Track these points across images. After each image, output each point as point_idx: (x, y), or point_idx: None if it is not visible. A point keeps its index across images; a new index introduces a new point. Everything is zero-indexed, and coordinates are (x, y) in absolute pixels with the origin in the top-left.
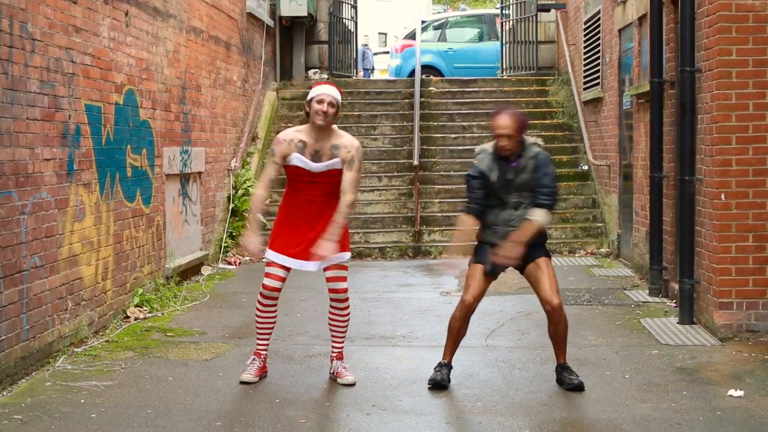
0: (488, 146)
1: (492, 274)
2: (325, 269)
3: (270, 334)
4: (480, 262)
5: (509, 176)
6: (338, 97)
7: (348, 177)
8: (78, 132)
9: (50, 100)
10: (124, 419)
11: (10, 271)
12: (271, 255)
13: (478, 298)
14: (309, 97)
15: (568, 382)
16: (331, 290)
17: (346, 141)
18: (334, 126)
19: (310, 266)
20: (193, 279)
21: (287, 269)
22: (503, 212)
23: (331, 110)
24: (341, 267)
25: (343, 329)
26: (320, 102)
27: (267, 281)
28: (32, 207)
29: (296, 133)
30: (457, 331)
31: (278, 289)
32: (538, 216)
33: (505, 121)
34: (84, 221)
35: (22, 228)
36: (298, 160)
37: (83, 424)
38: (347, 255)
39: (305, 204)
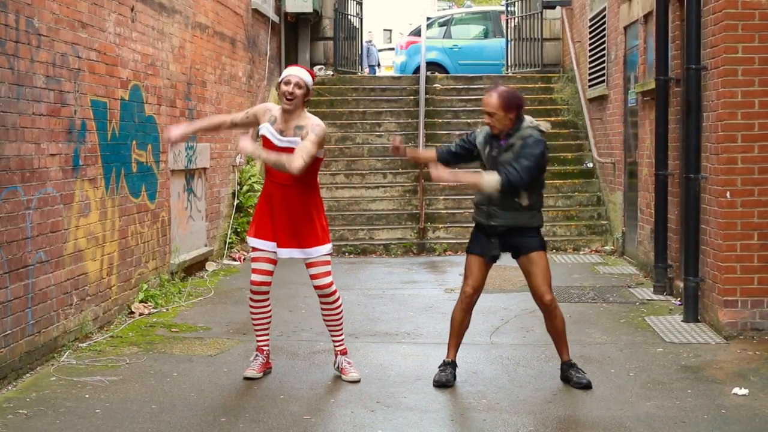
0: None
1: (490, 260)
2: (307, 265)
3: (267, 328)
4: (475, 252)
5: (494, 153)
6: (307, 79)
7: (301, 144)
8: (83, 127)
9: (56, 96)
10: (129, 414)
11: (16, 265)
12: (253, 242)
13: (478, 289)
14: (279, 79)
15: (576, 380)
16: (315, 287)
17: (311, 122)
18: (306, 111)
19: (289, 253)
20: (198, 275)
21: (273, 262)
22: (487, 191)
23: (298, 91)
24: (323, 262)
25: (338, 324)
26: (287, 83)
27: (254, 276)
28: (38, 202)
29: (274, 107)
30: (459, 324)
31: (266, 283)
32: (484, 176)
33: (489, 99)
34: (89, 216)
35: (28, 223)
36: (266, 129)
37: (88, 419)
38: (326, 248)
39: (278, 188)
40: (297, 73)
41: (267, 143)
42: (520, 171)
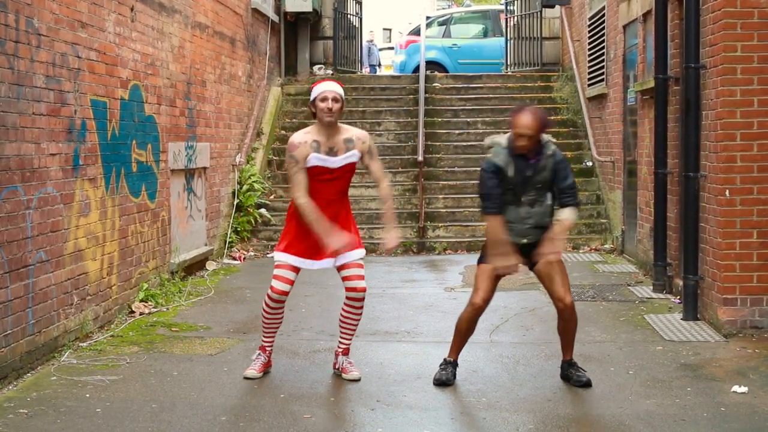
0: (500, 139)
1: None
2: (340, 268)
3: (275, 332)
4: (489, 262)
5: (528, 173)
6: (341, 91)
7: (376, 166)
8: (83, 127)
9: (56, 95)
10: (129, 414)
11: (16, 265)
12: (282, 257)
13: (488, 300)
14: (312, 97)
15: (576, 378)
16: (351, 289)
17: (357, 133)
18: (341, 123)
19: (325, 264)
20: (198, 274)
21: (297, 271)
22: (519, 209)
23: (336, 105)
24: (359, 265)
25: (355, 327)
26: (324, 100)
27: (276, 284)
28: (38, 202)
29: (306, 134)
30: (465, 331)
31: (287, 293)
32: (568, 215)
33: (528, 121)
34: (89, 216)
35: (28, 223)
36: (316, 159)
37: (88, 418)
38: (363, 251)
39: (324, 205)
40: (331, 87)
41: (319, 170)
42: (574, 192)
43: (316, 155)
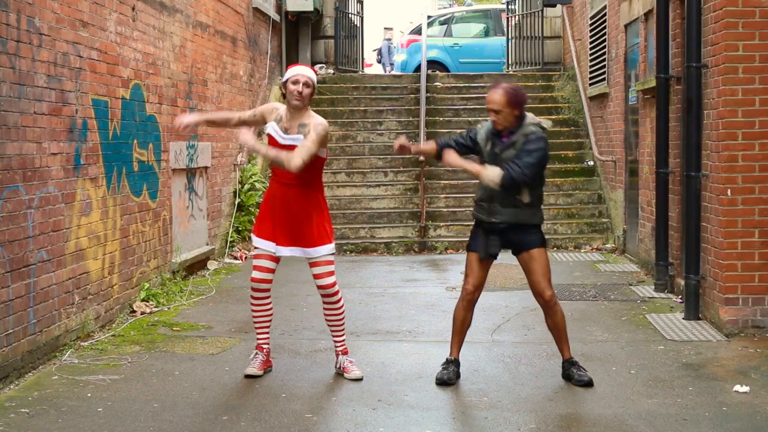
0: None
1: (488, 257)
2: (310, 265)
3: (268, 326)
4: (475, 249)
5: (496, 150)
6: (313, 77)
7: (302, 143)
8: (85, 126)
9: (57, 95)
10: (131, 413)
11: (17, 265)
12: (256, 242)
13: (479, 287)
14: (284, 78)
15: (577, 378)
16: (319, 286)
17: (316, 121)
18: (311, 110)
19: (292, 251)
20: (200, 273)
21: (275, 260)
22: (489, 187)
23: (307, 90)
24: (327, 262)
25: (340, 324)
26: (295, 83)
27: (255, 273)
28: (39, 201)
29: (281, 106)
30: (461, 322)
31: (267, 281)
32: (490, 170)
33: (494, 96)
34: (91, 215)
35: (29, 222)
36: (271, 128)
37: (90, 417)
38: (328, 248)
39: (281, 187)
40: (304, 72)
41: (272, 141)
42: (522, 167)
43: (274, 125)
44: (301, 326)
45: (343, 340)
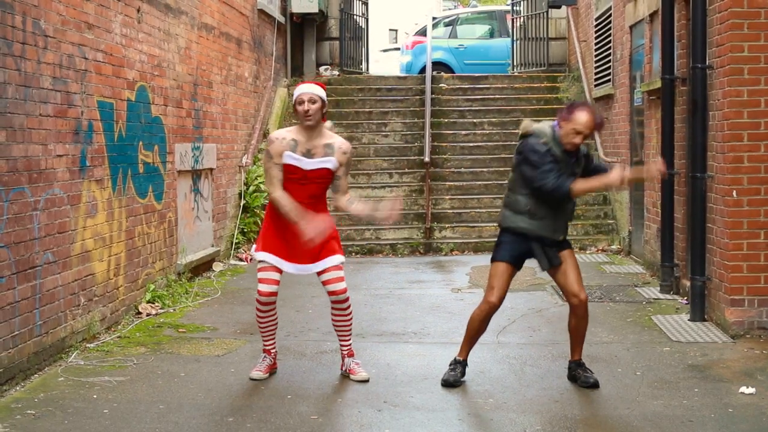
0: (546, 129)
1: (517, 265)
2: (319, 273)
3: (274, 333)
4: (503, 259)
5: (575, 169)
6: (318, 92)
7: (345, 181)
8: (90, 128)
9: (63, 97)
10: (137, 415)
11: (23, 266)
12: (262, 256)
13: (503, 299)
14: (293, 100)
15: (584, 379)
16: (331, 292)
17: (340, 142)
18: (328, 124)
19: (302, 269)
20: (205, 275)
21: (280, 272)
22: (550, 203)
23: (314, 107)
24: (337, 268)
25: (348, 328)
26: (300, 103)
27: (262, 287)
28: (45, 203)
29: (287, 132)
30: (477, 331)
31: (275, 294)
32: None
33: (588, 120)
34: (96, 217)
35: (35, 224)
36: (289, 157)
37: (95, 419)
38: (339, 257)
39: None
40: (307, 89)
41: (292, 169)
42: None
43: (291, 154)
44: (307, 328)
45: (350, 344)
